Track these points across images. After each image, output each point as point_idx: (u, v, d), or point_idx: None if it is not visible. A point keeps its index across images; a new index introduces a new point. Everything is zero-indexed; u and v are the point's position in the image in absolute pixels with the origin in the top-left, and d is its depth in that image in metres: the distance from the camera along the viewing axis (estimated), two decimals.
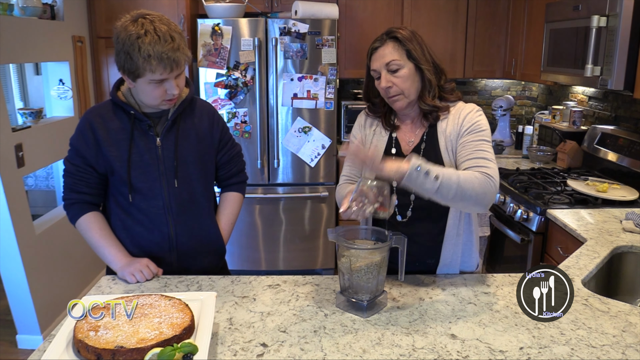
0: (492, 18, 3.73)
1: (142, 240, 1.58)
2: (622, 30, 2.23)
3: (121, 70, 1.45)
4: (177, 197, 1.58)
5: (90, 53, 3.50)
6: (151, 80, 1.43)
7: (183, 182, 1.58)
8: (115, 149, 1.53)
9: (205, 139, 1.63)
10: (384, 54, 1.45)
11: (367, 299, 1.30)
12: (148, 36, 1.37)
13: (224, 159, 1.72)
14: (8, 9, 2.68)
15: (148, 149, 1.54)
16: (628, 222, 2.00)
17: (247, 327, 1.25)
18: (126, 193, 1.55)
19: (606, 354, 1.14)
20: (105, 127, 1.53)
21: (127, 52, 1.39)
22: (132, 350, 1.04)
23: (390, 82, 1.45)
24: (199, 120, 1.63)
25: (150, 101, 1.49)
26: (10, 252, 2.61)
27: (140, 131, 1.54)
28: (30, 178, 4.86)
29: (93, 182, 1.57)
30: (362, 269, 1.29)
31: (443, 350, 1.15)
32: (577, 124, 3.14)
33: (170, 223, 1.58)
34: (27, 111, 3.00)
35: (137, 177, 1.54)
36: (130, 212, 1.57)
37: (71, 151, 1.57)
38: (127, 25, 1.40)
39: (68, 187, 1.57)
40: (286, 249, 3.65)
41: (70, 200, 1.58)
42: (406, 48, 1.45)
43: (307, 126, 3.45)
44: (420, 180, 1.28)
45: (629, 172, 2.60)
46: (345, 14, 3.66)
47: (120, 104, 1.53)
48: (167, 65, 1.40)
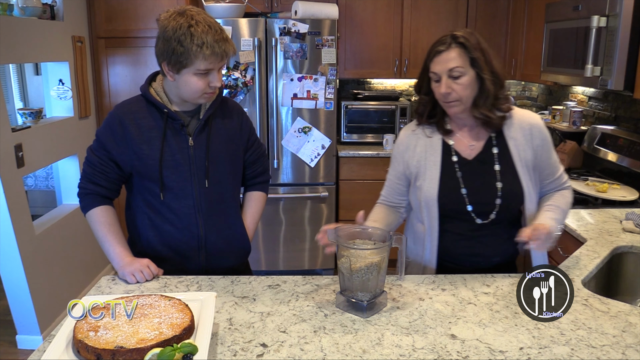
0: (492, 18, 3.73)
1: (171, 239, 1.58)
2: (622, 31, 2.23)
3: (165, 62, 1.45)
4: (207, 197, 1.58)
5: (90, 53, 3.50)
6: (197, 71, 1.43)
7: (214, 182, 1.59)
8: (147, 146, 1.52)
9: (235, 138, 1.65)
10: (448, 58, 1.43)
11: (367, 299, 1.30)
12: (200, 26, 1.40)
13: (251, 159, 1.73)
14: (8, 9, 2.68)
15: (180, 148, 1.54)
16: (628, 222, 2.00)
17: (247, 327, 1.25)
18: (157, 191, 1.54)
19: (606, 354, 1.13)
20: (136, 124, 1.53)
21: (178, 39, 1.39)
22: (132, 351, 1.04)
23: (450, 88, 1.44)
24: (230, 120, 1.64)
25: (191, 94, 1.49)
26: (10, 252, 2.61)
27: (172, 130, 1.54)
28: (30, 178, 4.87)
29: (113, 177, 1.57)
30: (362, 270, 1.28)
31: (443, 351, 1.15)
32: (577, 124, 3.13)
33: (200, 223, 1.59)
34: (27, 111, 3.00)
35: (168, 177, 1.54)
36: (160, 210, 1.57)
37: (96, 142, 1.57)
38: (175, 17, 1.42)
39: (86, 177, 1.57)
40: (286, 249, 3.65)
41: (85, 190, 1.57)
42: (471, 56, 1.43)
43: (307, 126, 3.45)
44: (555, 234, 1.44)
45: (629, 172, 2.60)
46: (345, 14, 3.66)
47: (153, 101, 1.53)
48: (219, 54, 1.42)
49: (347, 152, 3.61)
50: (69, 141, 3.23)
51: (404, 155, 1.61)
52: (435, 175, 1.54)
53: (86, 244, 3.41)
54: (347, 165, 3.64)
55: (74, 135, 3.29)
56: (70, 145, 3.24)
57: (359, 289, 1.30)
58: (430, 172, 1.55)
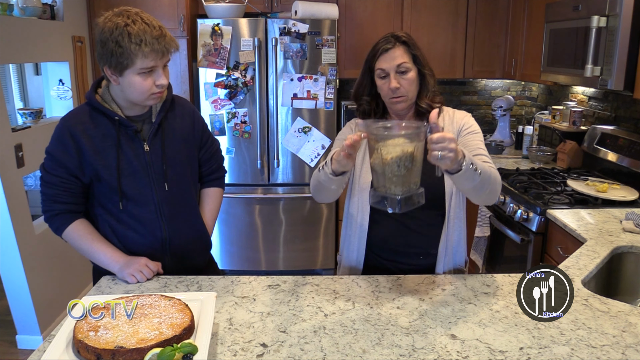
0: (492, 18, 3.73)
1: (134, 245, 1.56)
2: (622, 31, 2.23)
3: (106, 66, 1.40)
4: (168, 200, 1.56)
5: (90, 53, 3.50)
6: (141, 70, 1.39)
7: (173, 185, 1.57)
8: (102, 157, 1.48)
9: (188, 138, 1.63)
10: (395, 56, 1.51)
11: (401, 193, 1.23)
12: (137, 24, 1.36)
13: (205, 156, 1.72)
14: (8, 9, 2.68)
15: (136, 155, 1.51)
16: (628, 222, 2.00)
17: (247, 327, 1.25)
18: (116, 200, 1.51)
19: (606, 354, 1.14)
20: (87, 134, 1.47)
21: (115, 40, 1.35)
22: (132, 351, 1.04)
23: (399, 84, 1.51)
24: (181, 120, 1.62)
25: (138, 96, 1.44)
26: (10, 252, 2.61)
27: (126, 137, 1.50)
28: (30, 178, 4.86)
29: (77, 191, 1.52)
30: (394, 161, 1.20)
31: (443, 351, 1.15)
32: (577, 124, 3.14)
33: (164, 227, 1.57)
34: (27, 111, 3.00)
35: (127, 185, 1.51)
36: (121, 218, 1.54)
37: (50, 161, 1.50)
38: (111, 18, 1.38)
39: (49, 199, 1.51)
40: (286, 249, 3.65)
41: (53, 212, 1.52)
42: (413, 53, 1.53)
43: (307, 126, 3.45)
44: (468, 174, 1.29)
45: (629, 172, 2.60)
46: (345, 14, 3.66)
47: (101, 109, 1.48)
48: (159, 50, 1.38)
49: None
50: None
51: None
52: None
53: None
54: None
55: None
56: None
57: (392, 183, 1.22)
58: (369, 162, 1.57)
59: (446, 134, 1.19)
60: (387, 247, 1.62)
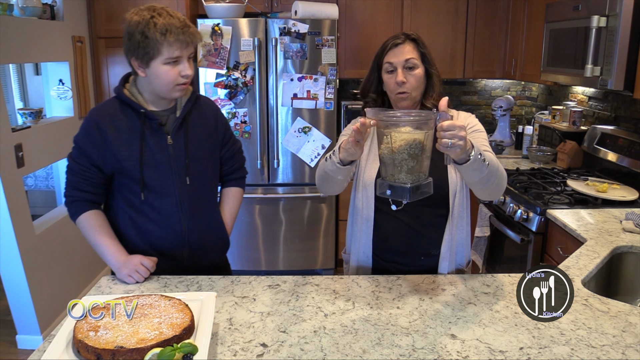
0: (492, 18, 3.73)
1: (154, 237, 1.59)
2: (622, 31, 2.23)
3: (133, 57, 1.47)
4: (188, 194, 1.59)
5: (90, 53, 3.50)
6: (166, 59, 1.44)
7: (194, 179, 1.60)
8: (126, 148, 1.52)
9: (211, 135, 1.67)
10: (404, 51, 1.53)
11: (410, 182, 1.22)
12: (162, 16, 1.43)
13: (227, 155, 1.75)
14: (8, 9, 2.68)
15: (159, 147, 1.55)
16: (628, 222, 2.00)
17: (247, 327, 1.25)
18: (138, 191, 1.55)
19: (606, 354, 1.14)
20: (114, 126, 1.53)
21: (141, 31, 1.42)
22: (132, 351, 1.04)
23: (405, 79, 1.52)
24: (205, 117, 1.66)
25: (164, 86, 1.49)
26: (10, 252, 2.61)
27: (150, 130, 1.55)
28: (30, 178, 4.87)
29: (97, 181, 1.57)
30: (404, 149, 1.20)
31: (443, 351, 1.15)
32: (577, 124, 3.14)
33: (183, 220, 1.60)
34: (27, 111, 3.00)
35: (149, 176, 1.54)
36: (142, 210, 1.57)
37: (75, 149, 1.58)
38: (137, 12, 1.45)
39: (71, 185, 1.58)
40: (286, 249, 3.65)
41: (72, 198, 1.58)
42: (422, 51, 1.55)
43: (307, 126, 3.45)
44: (477, 164, 1.28)
45: (629, 172, 2.60)
46: (345, 14, 3.66)
47: (128, 102, 1.53)
48: (183, 40, 1.44)
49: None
50: (69, 141, 3.19)
51: None
52: (377, 161, 1.57)
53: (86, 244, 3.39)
54: None
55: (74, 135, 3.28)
56: (70, 145, 3.21)
57: (402, 172, 1.22)
58: (374, 157, 1.60)
59: (456, 122, 1.19)
60: (388, 247, 1.61)
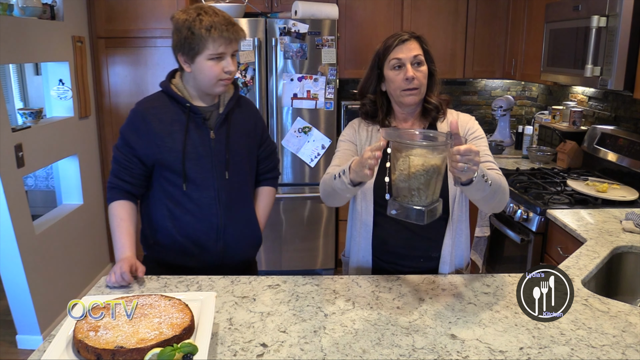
0: (492, 18, 3.73)
1: (190, 229, 1.63)
2: (622, 31, 2.23)
3: (180, 53, 1.54)
4: (227, 188, 1.64)
5: (90, 53, 3.50)
6: (211, 55, 1.51)
7: (233, 174, 1.65)
8: (170, 139, 1.58)
9: (250, 133, 1.74)
10: (412, 47, 1.54)
11: (425, 205, 1.22)
12: (209, 13, 1.51)
13: (263, 154, 1.82)
14: (8, 9, 2.68)
15: (202, 141, 1.60)
16: (628, 222, 2.00)
17: (247, 327, 1.25)
18: (179, 183, 1.60)
19: (606, 354, 1.14)
20: (159, 118, 1.59)
21: (188, 27, 1.49)
22: (132, 351, 1.04)
23: (414, 74, 1.52)
24: (246, 116, 1.73)
25: (208, 82, 1.55)
26: (10, 252, 2.61)
27: (194, 124, 1.60)
28: (30, 178, 4.87)
29: (137, 172, 1.61)
30: (421, 173, 1.20)
31: (443, 351, 1.15)
32: (577, 124, 3.14)
33: (220, 214, 1.64)
34: (27, 111, 3.00)
35: (191, 168, 1.59)
36: (181, 201, 1.62)
37: (121, 139, 1.62)
38: (185, 10, 1.53)
39: (113, 173, 1.63)
40: (286, 249, 3.65)
41: (111, 184, 1.64)
42: (425, 49, 1.57)
43: (307, 126, 3.45)
44: (480, 185, 1.30)
45: (628, 172, 2.60)
46: (345, 14, 3.66)
47: (175, 96, 1.60)
48: (227, 37, 1.51)
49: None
50: (69, 141, 3.23)
51: (353, 138, 1.64)
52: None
53: (86, 244, 3.41)
54: None
55: (74, 135, 3.29)
56: (70, 145, 3.24)
57: (417, 194, 1.22)
58: None
59: (472, 147, 1.20)
60: (388, 250, 1.61)
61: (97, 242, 3.61)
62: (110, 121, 3.60)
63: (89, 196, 3.46)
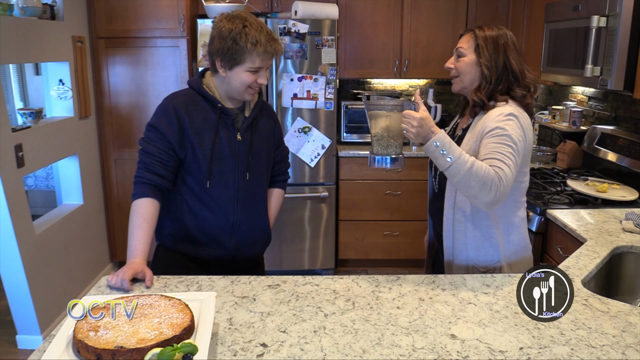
0: (492, 18, 3.73)
1: (207, 224, 1.69)
2: (622, 31, 2.23)
3: (219, 58, 1.58)
4: (245, 188, 1.71)
5: (90, 53, 3.50)
6: (250, 68, 1.57)
7: (253, 175, 1.73)
8: (199, 137, 1.63)
9: (270, 137, 1.81)
10: (461, 41, 1.66)
11: (394, 154, 1.50)
12: (253, 27, 1.55)
13: (278, 158, 1.90)
14: (8, 9, 2.68)
15: (229, 142, 1.67)
16: (628, 222, 2.00)
17: (247, 327, 1.25)
18: (203, 180, 1.65)
19: (606, 354, 1.14)
20: (190, 114, 1.63)
21: (233, 38, 1.53)
22: (132, 351, 1.04)
23: (452, 65, 1.67)
24: (267, 121, 1.80)
25: (238, 89, 1.61)
26: (10, 252, 2.61)
27: (223, 124, 1.66)
28: (30, 178, 4.87)
29: (170, 165, 1.63)
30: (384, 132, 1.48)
31: (443, 351, 1.15)
32: (577, 124, 3.14)
33: (237, 211, 1.70)
34: (27, 111, 3.00)
35: (215, 166, 1.65)
36: (202, 197, 1.67)
37: (152, 133, 1.62)
38: (230, 18, 1.57)
39: (144, 167, 1.60)
40: (286, 249, 3.65)
41: (141, 179, 1.60)
42: (477, 42, 1.61)
43: (307, 126, 3.45)
44: (436, 154, 1.42)
45: (628, 172, 2.60)
46: (345, 14, 3.66)
47: (207, 95, 1.65)
48: (269, 52, 1.57)
49: (347, 152, 3.61)
50: (69, 141, 3.23)
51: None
52: None
53: (86, 244, 3.41)
54: (347, 166, 3.64)
55: (74, 135, 3.29)
56: (70, 145, 3.24)
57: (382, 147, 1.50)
58: None
59: (413, 113, 1.40)
60: None
61: (97, 242, 3.61)
62: (111, 121, 3.60)
63: (89, 196, 3.46)
